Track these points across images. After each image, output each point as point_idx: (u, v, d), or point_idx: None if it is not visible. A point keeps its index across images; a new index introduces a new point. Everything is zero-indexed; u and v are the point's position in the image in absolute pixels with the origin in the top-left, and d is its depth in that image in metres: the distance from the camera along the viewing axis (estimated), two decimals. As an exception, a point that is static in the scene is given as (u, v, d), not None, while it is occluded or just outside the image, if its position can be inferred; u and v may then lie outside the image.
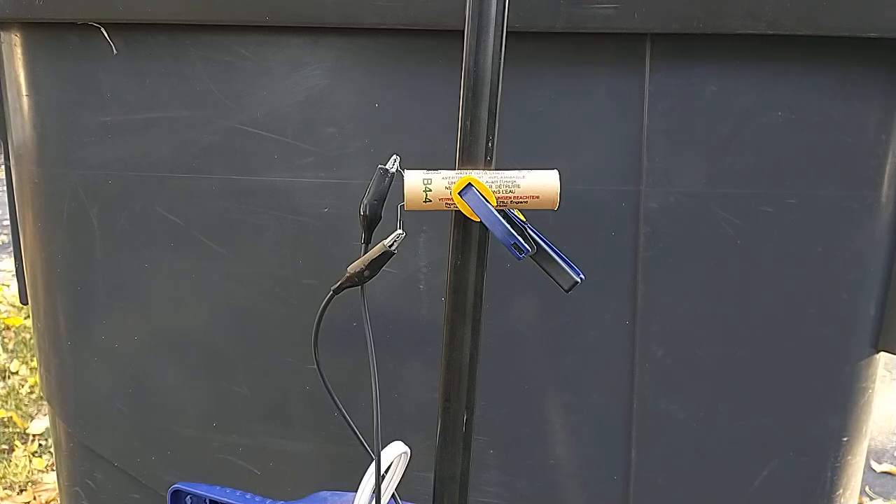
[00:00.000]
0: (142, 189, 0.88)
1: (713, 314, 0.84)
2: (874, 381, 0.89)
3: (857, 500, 0.98)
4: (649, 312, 0.84)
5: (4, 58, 0.94)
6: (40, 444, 1.96)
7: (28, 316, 2.33)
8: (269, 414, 0.93)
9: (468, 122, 0.53)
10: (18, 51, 0.91)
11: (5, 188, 1.10)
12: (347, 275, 0.59)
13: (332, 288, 0.60)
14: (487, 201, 0.53)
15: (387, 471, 0.57)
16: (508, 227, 0.52)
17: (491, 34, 0.51)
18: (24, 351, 2.39)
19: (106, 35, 0.83)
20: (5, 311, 2.68)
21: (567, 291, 0.57)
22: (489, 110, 0.52)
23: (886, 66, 0.76)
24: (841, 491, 0.92)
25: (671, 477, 0.89)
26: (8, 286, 2.84)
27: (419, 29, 0.75)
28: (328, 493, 0.64)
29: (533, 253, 0.55)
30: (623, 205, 0.80)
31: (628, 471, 0.88)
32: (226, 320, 0.92)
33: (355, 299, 0.89)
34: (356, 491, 0.54)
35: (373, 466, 0.53)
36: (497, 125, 0.53)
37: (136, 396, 0.99)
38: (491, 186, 0.53)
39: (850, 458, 0.90)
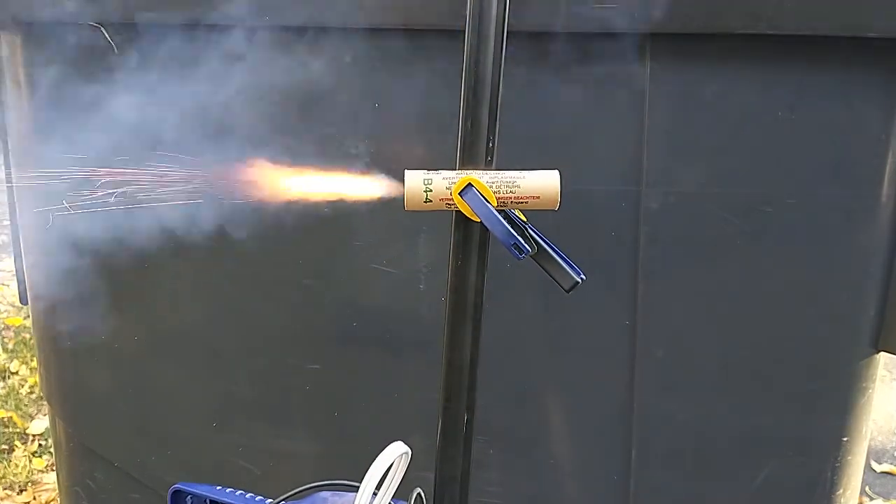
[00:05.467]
0: (142, 188, 0.88)
1: (713, 314, 0.84)
2: (874, 381, 0.89)
3: (857, 500, 0.98)
4: (649, 312, 0.84)
5: (4, 58, 0.94)
6: (40, 444, 1.96)
7: (28, 316, 2.33)
8: (269, 414, 0.93)
9: (468, 123, 0.53)
10: (18, 51, 0.91)
11: (5, 188, 1.10)
12: None
13: None
14: (488, 201, 0.53)
15: (387, 471, 0.57)
16: (509, 227, 0.52)
17: (491, 34, 0.51)
18: (24, 351, 2.39)
19: (106, 35, 0.83)
20: (5, 311, 2.68)
21: (568, 292, 0.57)
22: (490, 110, 0.52)
23: (886, 66, 0.76)
24: (841, 491, 0.92)
25: (671, 477, 0.89)
26: (8, 286, 2.84)
27: (419, 29, 0.75)
28: (328, 492, 0.64)
29: (533, 253, 0.55)
30: (623, 205, 0.80)
31: (628, 471, 0.88)
32: (226, 320, 0.92)
33: (354, 299, 0.89)
34: (356, 491, 0.54)
35: (373, 466, 0.53)
36: (497, 125, 0.53)
37: (136, 396, 0.99)
38: (491, 187, 0.53)
39: (850, 458, 0.90)
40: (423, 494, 0.58)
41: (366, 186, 0.65)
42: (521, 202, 0.54)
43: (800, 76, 0.77)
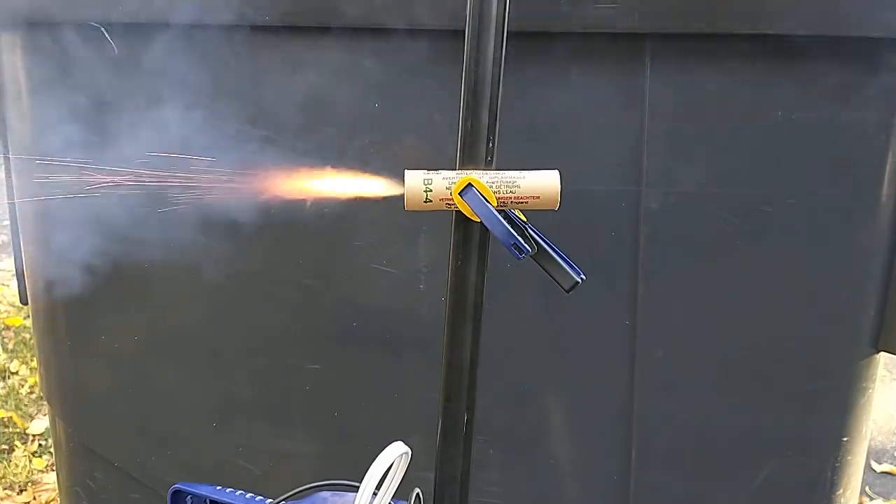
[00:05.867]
0: (141, 188, 0.88)
1: (713, 314, 0.84)
2: (874, 381, 0.89)
3: (857, 500, 0.98)
4: (649, 312, 0.84)
5: (4, 58, 0.94)
6: (40, 444, 1.96)
7: (28, 316, 2.33)
8: (269, 414, 0.93)
9: (468, 123, 0.53)
10: (18, 51, 0.91)
11: (5, 188, 1.10)
12: None
13: None
14: (488, 201, 0.53)
15: (387, 471, 0.57)
16: (509, 227, 0.52)
17: (491, 34, 0.51)
18: (24, 351, 2.39)
19: (106, 35, 0.83)
20: (5, 311, 2.68)
21: (567, 292, 0.57)
22: (490, 110, 0.52)
23: (886, 66, 0.76)
24: (841, 491, 0.92)
25: (671, 477, 0.89)
26: (8, 286, 2.84)
27: (419, 29, 0.75)
28: (328, 492, 0.64)
29: (533, 253, 0.55)
30: (623, 205, 0.80)
31: (628, 471, 0.88)
32: (226, 320, 0.92)
33: (354, 299, 0.89)
34: (356, 491, 0.54)
35: (373, 466, 0.53)
36: (497, 125, 0.53)
37: (136, 396, 0.99)
38: (491, 187, 0.53)
39: (850, 458, 0.90)
40: (421, 495, 0.58)
41: (366, 186, 0.65)
42: (521, 202, 0.54)
43: (800, 76, 0.77)
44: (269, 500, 0.63)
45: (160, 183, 0.88)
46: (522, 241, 0.52)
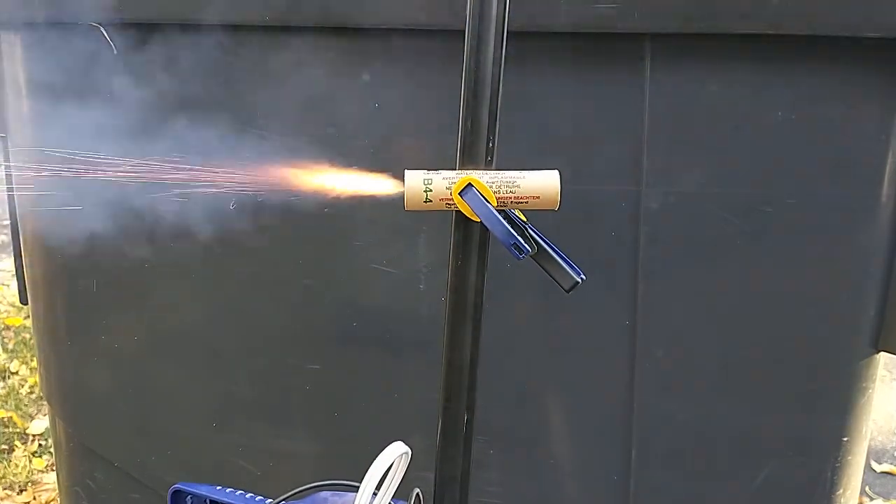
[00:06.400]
0: (142, 189, 0.88)
1: (713, 314, 0.84)
2: (874, 381, 0.89)
3: (857, 500, 0.98)
4: (649, 312, 0.84)
5: (4, 58, 0.94)
6: (40, 444, 1.96)
7: (28, 316, 2.32)
8: (269, 414, 0.93)
9: (468, 123, 0.53)
10: (18, 51, 0.91)
11: (5, 188, 1.10)
12: None
13: None
14: (488, 201, 0.53)
15: (387, 471, 0.57)
16: (509, 227, 0.52)
17: (491, 34, 0.51)
18: (24, 351, 2.39)
19: (106, 35, 0.83)
20: (5, 311, 2.68)
21: (567, 292, 0.57)
22: (490, 110, 0.52)
23: (886, 66, 0.76)
24: (841, 491, 0.92)
25: (671, 477, 0.89)
26: (8, 286, 2.84)
27: (419, 29, 0.75)
28: (328, 492, 0.64)
29: (533, 253, 0.55)
30: (623, 205, 0.80)
31: (628, 471, 0.88)
32: (226, 320, 0.92)
33: (354, 299, 0.89)
34: (356, 491, 0.54)
35: (373, 466, 0.53)
36: (497, 125, 0.53)
37: (136, 396, 0.99)
38: (491, 187, 0.53)
39: (850, 458, 0.90)
40: (421, 495, 0.58)
41: (366, 186, 0.65)
42: (521, 202, 0.54)
43: (800, 76, 0.77)
44: (269, 500, 0.63)
45: (160, 183, 0.88)
46: (522, 241, 0.52)
